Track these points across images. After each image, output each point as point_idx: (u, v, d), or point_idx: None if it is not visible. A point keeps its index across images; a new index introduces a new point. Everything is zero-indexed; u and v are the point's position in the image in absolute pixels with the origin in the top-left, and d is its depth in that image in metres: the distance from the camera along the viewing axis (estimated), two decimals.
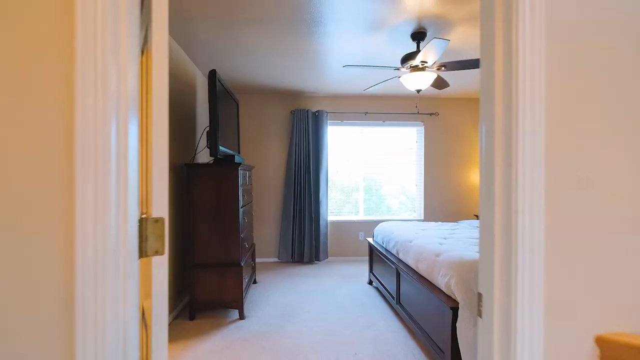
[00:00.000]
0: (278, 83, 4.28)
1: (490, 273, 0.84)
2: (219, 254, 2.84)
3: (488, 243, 0.85)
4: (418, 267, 2.46)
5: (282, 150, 4.90)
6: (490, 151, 0.80)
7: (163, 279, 0.79)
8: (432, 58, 2.63)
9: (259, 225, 4.86)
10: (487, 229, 0.84)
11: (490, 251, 0.84)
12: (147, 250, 0.75)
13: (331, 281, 3.95)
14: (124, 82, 0.68)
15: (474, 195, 5.18)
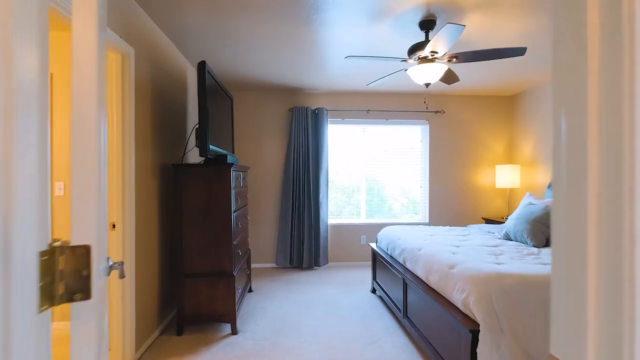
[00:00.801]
0: (275, 78, 4.04)
1: (577, 329, 0.57)
2: (209, 262, 2.60)
3: (572, 284, 0.58)
4: (429, 279, 2.22)
5: (280, 149, 4.66)
6: (578, 152, 0.54)
7: (97, 338, 0.55)
8: (444, 48, 2.39)
9: (256, 229, 4.62)
10: (571, 263, 0.58)
11: (577, 295, 0.57)
12: (60, 294, 0.51)
13: (332, 289, 3.70)
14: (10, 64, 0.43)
15: (482, 197, 4.93)
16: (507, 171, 4.53)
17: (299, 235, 4.54)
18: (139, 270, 2.33)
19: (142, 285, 2.38)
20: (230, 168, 2.61)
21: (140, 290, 2.35)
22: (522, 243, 2.69)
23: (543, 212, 2.67)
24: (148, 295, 2.49)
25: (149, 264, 2.52)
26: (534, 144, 4.47)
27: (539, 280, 1.78)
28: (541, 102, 4.33)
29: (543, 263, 2.10)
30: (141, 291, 2.36)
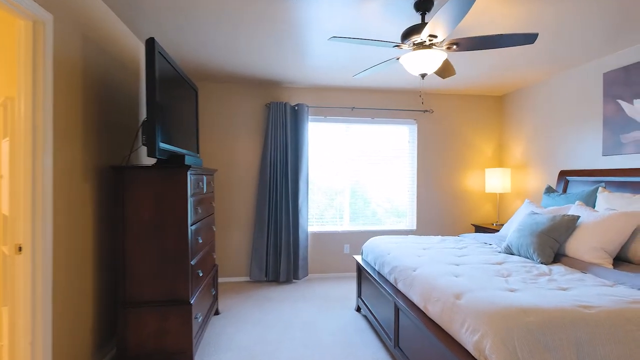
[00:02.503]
0: (249, 69, 3.58)
1: None
2: (160, 288, 2.12)
3: None
4: (427, 309, 1.83)
5: (255, 149, 4.19)
6: None
7: None
8: (445, 30, 2.01)
9: (226, 239, 4.14)
10: None
11: None
12: None
13: (312, 308, 3.28)
14: None
15: (471, 202, 4.63)
16: (497, 175, 4.23)
17: (276, 245, 4.09)
18: (62, 302, 1.84)
19: (66, 321, 1.88)
20: (187, 171, 2.14)
21: (63, 329, 1.85)
22: (528, 259, 2.35)
23: (550, 224, 2.34)
24: (76, 333, 1.99)
25: (80, 292, 2.02)
26: (525, 146, 4.20)
27: (567, 315, 1.42)
28: (532, 102, 4.05)
29: (561, 288, 1.75)
30: (64, 330, 1.86)
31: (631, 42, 2.84)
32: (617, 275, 1.88)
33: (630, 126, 2.94)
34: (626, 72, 2.97)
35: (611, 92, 3.11)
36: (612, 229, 2.13)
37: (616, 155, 3.07)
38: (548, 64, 3.39)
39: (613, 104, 3.09)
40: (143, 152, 2.85)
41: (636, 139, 2.89)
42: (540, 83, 3.95)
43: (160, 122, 2.07)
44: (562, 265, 2.15)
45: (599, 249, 2.12)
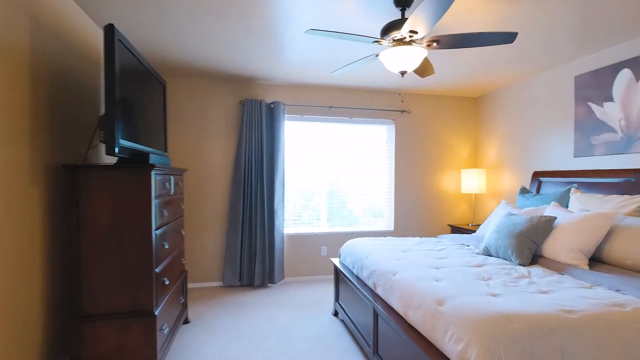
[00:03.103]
0: (222, 64, 3.41)
1: None
2: (120, 298, 1.93)
3: None
4: (408, 316, 1.75)
5: (228, 148, 4.02)
6: None
7: None
8: (425, 27, 1.95)
9: (197, 242, 3.94)
10: None
11: None
12: None
13: (288, 313, 3.15)
14: None
15: (447, 203, 4.65)
16: (473, 175, 4.27)
17: (251, 248, 3.93)
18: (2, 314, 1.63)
19: (8, 336, 1.67)
20: (152, 170, 1.97)
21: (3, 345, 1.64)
22: (506, 260, 2.33)
23: (528, 225, 2.34)
24: (22, 349, 1.78)
25: (26, 306, 1.81)
26: (500, 147, 4.25)
27: (551, 321, 1.38)
28: (506, 104, 4.11)
29: (542, 291, 1.72)
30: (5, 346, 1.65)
31: (601, 47, 2.90)
32: (594, 277, 1.88)
33: (600, 128, 3.01)
34: (596, 75, 3.03)
35: (582, 95, 3.17)
36: (587, 230, 2.13)
37: (587, 156, 3.13)
38: (522, 67, 3.43)
39: (584, 106, 3.15)
40: (104, 150, 2.63)
41: (606, 140, 2.96)
42: (514, 85, 4.01)
43: (122, 117, 1.89)
44: (540, 267, 2.14)
45: (576, 250, 2.13)
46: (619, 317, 1.44)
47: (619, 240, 2.08)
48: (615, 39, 2.74)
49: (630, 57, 2.77)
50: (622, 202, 2.45)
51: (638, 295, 1.61)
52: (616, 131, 2.88)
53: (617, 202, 2.48)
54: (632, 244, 2.00)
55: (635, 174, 2.66)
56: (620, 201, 2.48)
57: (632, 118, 2.76)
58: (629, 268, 2.00)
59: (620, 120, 2.85)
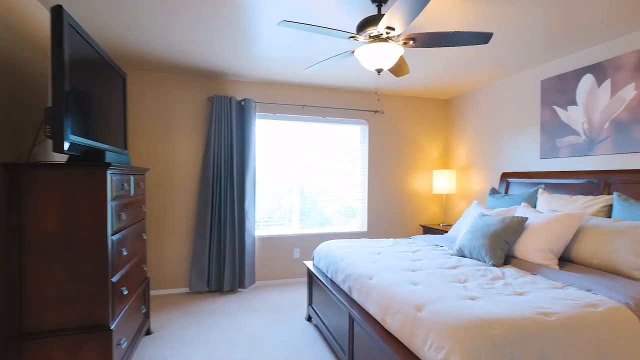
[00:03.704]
0: (189, 58, 3.22)
1: None
2: (70, 312, 1.73)
3: None
4: (386, 322, 1.69)
5: (196, 146, 3.82)
6: None
7: None
8: (402, 23, 1.89)
9: (162, 246, 3.71)
10: None
11: None
12: None
13: (259, 319, 3.02)
14: None
15: (419, 203, 4.68)
16: (444, 176, 4.32)
17: (220, 251, 3.75)
18: None
19: None
20: (107, 170, 1.78)
21: None
22: (480, 261, 2.34)
23: (501, 226, 2.35)
24: None
25: None
26: (469, 149, 4.34)
27: (530, 325, 1.35)
28: (476, 107, 4.20)
29: (517, 293, 1.71)
30: None
31: (565, 52, 3.00)
32: (564, 277, 1.90)
33: (565, 131, 3.11)
34: (561, 80, 3.14)
35: (548, 99, 3.27)
36: (557, 230, 2.17)
37: (552, 158, 3.23)
38: (490, 70, 3.49)
39: (550, 109, 3.25)
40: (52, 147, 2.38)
41: (570, 143, 3.06)
42: (483, 88, 4.10)
43: (73, 111, 1.69)
44: (513, 267, 2.16)
45: (546, 250, 2.16)
46: (593, 318, 1.45)
47: (586, 240, 2.13)
48: (579, 45, 2.84)
49: (593, 63, 2.88)
50: (587, 203, 2.53)
51: (608, 295, 1.63)
52: (579, 134, 2.98)
53: (582, 203, 2.56)
54: (599, 244, 2.06)
55: (597, 176, 2.76)
56: (585, 202, 2.56)
57: (594, 121, 2.87)
58: (595, 267, 2.05)
59: (583, 123, 2.95)
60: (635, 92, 2.58)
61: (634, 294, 1.61)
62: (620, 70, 2.67)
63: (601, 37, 2.69)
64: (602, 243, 2.04)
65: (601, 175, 2.73)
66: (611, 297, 1.61)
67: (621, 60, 2.67)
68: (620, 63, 2.68)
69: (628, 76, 2.62)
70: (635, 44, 2.59)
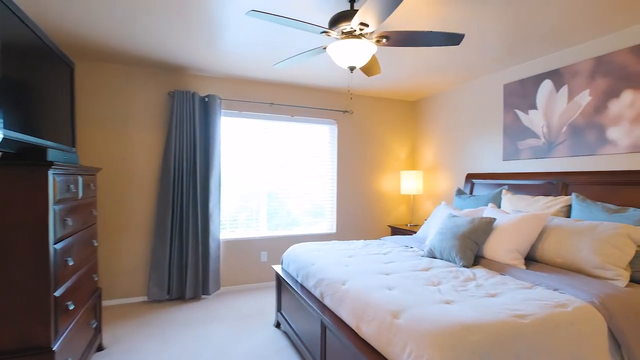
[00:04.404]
0: (148, 49, 2.98)
1: None
2: (4, 333, 1.50)
3: None
4: (360, 329, 1.62)
5: (155, 145, 3.56)
6: None
7: None
8: (376, 20, 1.84)
9: (117, 252, 3.42)
10: None
11: None
12: None
13: (224, 328, 2.85)
14: None
15: (387, 203, 4.71)
16: (411, 177, 4.37)
17: (181, 256, 3.53)
18: None
19: None
20: (49, 169, 1.57)
21: None
22: (450, 262, 2.35)
23: (470, 227, 2.38)
24: None
25: None
26: (435, 150, 4.42)
27: (506, 329, 1.34)
28: (441, 109, 4.28)
29: (490, 294, 1.71)
30: None
31: (526, 58, 3.11)
32: (532, 277, 1.94)
33: (526, 134, 3.23)
34: (522, 84, 3.26)
35: (510, 103, 3.39)
36: (524, 231, 2.22)
37: (514, 160, 3.35)
38: (456, 73, 3.56)
39: (512, 113, 3.37)
40: None
41: (531, 145, 3.18)
42: (448, 91, 4.18)
43: (6, 102, 1.47)
44: (483, 268, 2.18)
45: (514, 250, 2.20)
46: (563, 318, 1.46)
47: (550, 239, 2.20)
48: (539, 52, 2.95)
49: (551, 69, 3.01)
50: (548, 203, 2.63)
51: (574, 294, 1.67)
52: (539, 137, 3.11)
53: (544, 203, 2.66)
54: (562, 244, 2.12)
55: (555, 177, 2.88)
56: (546, 202, 2.66)
57: (553, 125, 2.99)
58: (559, 266, 2.12)
59: (543, 127, 3.08)
60: (589, 98, 2.72)
61: (597, 293, 1.66)
62: (576, 77, 2.81)
63: (559, 45, 2.81)
64: (564, 243, 2.11)
65: (559, 177, 2.85)
66: (577, 296, 1.65)
67: (577, 67, 2.80)
68: (576, 70, 2.81)
69: (583, 83, 2.76)
70: (590, 53, 2.73)
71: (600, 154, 2.65)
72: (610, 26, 2.46)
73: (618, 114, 2.54)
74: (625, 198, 2.42)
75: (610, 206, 2.27)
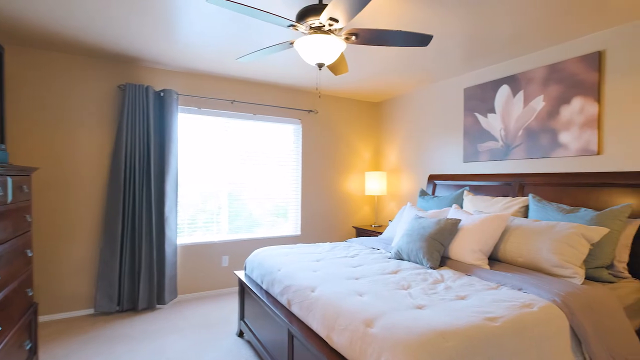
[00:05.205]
0: (95, 37, 2.70)
1: None
2: None
3: None
4: (331, 339, 1.54)
5: (102, 143, 3.25)
6: None
7: None
8: (346, 16, 1.77)
9: (58, 262, 3.08)
10: None
11: None
12: None
13: (182, 340, 2.65)
14: None
15: (352, 204, 4.69)
16: (375, 178, 4.39)
17: (133, 264, 3.25)
18: None
19: None
20: None
21: None
22: (418, 264, 2.34)
23: (437, 228, 2.39)
24: None
25: None
26: (399, 151, 4.47)
27: (479, 333, 1.33)
28: (404, 111, 4.34)
29: (460, 297, 1.71)
30: None
31: (485, 63, 3.22)
32: (496, 277, 1.97)
33: (485, 137, 3.34)
34: (481, 89, 3.37)
35: (470, 106, 3.49)
36: (487, 231, 2.27)
37: (474, 162, 3.46)
38: (419, 76, 3.62)
39: (472, 116, 3.47)
40: None
41: (489, 148, 3.30)
42: (411, 93, 4.25)
43: None
44: (449, 269, 2.19)
45: (477, 250, 2.24)
46: (530, 319, 1.48)
47: (512, 239, 2.27)
48: (497, 58, 3.07)
49: (508, 74, 3.14)
50: (508, 204, 2.73)
51: (537, 294, 1.72)
52: (497, 140, 3.23)
53: (504, 204, 2.75)
54: (523, 243, 2.19)
55: (512, 178, 3.00)
56: (506, 202, 2.75)
57: (510, 129, 3.12)
58: (520, 265, 2.19)
59: (500, 130, 3.20)
60: (543, 103, 2.86)
61: (558, 291, 1.71)
62: (531, 83, 2.94)
63: (516, 52, 2.93)
64: (525, 243, 2.18)
65: (516, 178, 2.97)
66: (540, 296, 1.69)
67: (532, 74, 2.94)
68: (531, 76, 2.95)
69: (538, 89, 2.90)
70: (544, 60, 2.87)
71: (553, 156, 2.80)
72: (561, 36, 2.60)
73: (569, 119, 2.69)
74: (576, 198, 2.56)
75: (564, 206, 2.39)
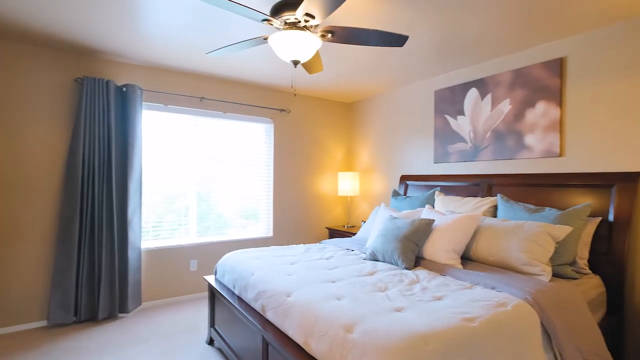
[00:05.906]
0: (45, 23, 2.48)
1: None
2: None
3: None
4: (309, 345, 1.48)
5: (57, 141, 3.00)
6: None
7: None
8: (322, 12, 1.73)
9: (6, 271, 2.80)
10: None
11: None
12: None
13: (147, 351, 2.49)
14: None
15: (324, 205, 4.66)
16: (348, 178, 4.39)
17: (92, 271, 3.02)
18: None
19: None
20: None
21: None
22: (393, 264, 2.34)
23: (411, 229, 2.40)
24: None
25: None
26: (371, 152, 4.50)
27: (459, 335, 1.32)
28: (376, 112, 4.38)
29: (436, 297, 1.71)
30: None
31: (455, 66, 3.30)
32: (470, 276, 2.01)
33: (455, 138, 3.42)
34: (451, 91, 3.45)
35: (440, 108, 3.57)
36: (460, 231, 2.31)
37: (445, 162, 3.53)
38: (391, 77, 3.65)
39: (442, 118, 3.55)
40: None
41: (459, 149, 3.38)
42: (382, 94, 4.28)
43: None
44: (424, 269, 2.21)
45: (451, 250, 2.27)
46: (505, 318, 1.51)
47: (483, 239, 2.32)
48: (466, 61, 3.15)
49: (477, 78, 3.23)
50: (477, 204, 2.80)
51: (510, 292, 1.75)
52: (467, 141, 3.31)
53: (474, 204, 2.82)
54: (493, 242, 2.25)
55: (480, 179, 3.09)
56: (476, 202, 2.82)
57: (478, 131, 3.21)
58: (491, 264, 2.24)
59: (469, 132, 3.29)
60: (510, 106, 2.96)
61: (528, 289, 1.76)
62: (498, 87, 3.04)
63: (484, 56, 3.02)
64: (495, 242, 2.24)
65: (484, 179, 3.06)
66: (513, 294, 1.73)
67: (499, 77, 3.04)
68: (498, 80, 3.04)
69: (504, 92, 3.00)
70: (510, 65, 2.98)
71: (519, 158, 2.90)
72: (527, 42, 2.70)
73: (533, 122, 2.80)
74: (540, 198, 2.67)
75: (530, 206, 2.48)
